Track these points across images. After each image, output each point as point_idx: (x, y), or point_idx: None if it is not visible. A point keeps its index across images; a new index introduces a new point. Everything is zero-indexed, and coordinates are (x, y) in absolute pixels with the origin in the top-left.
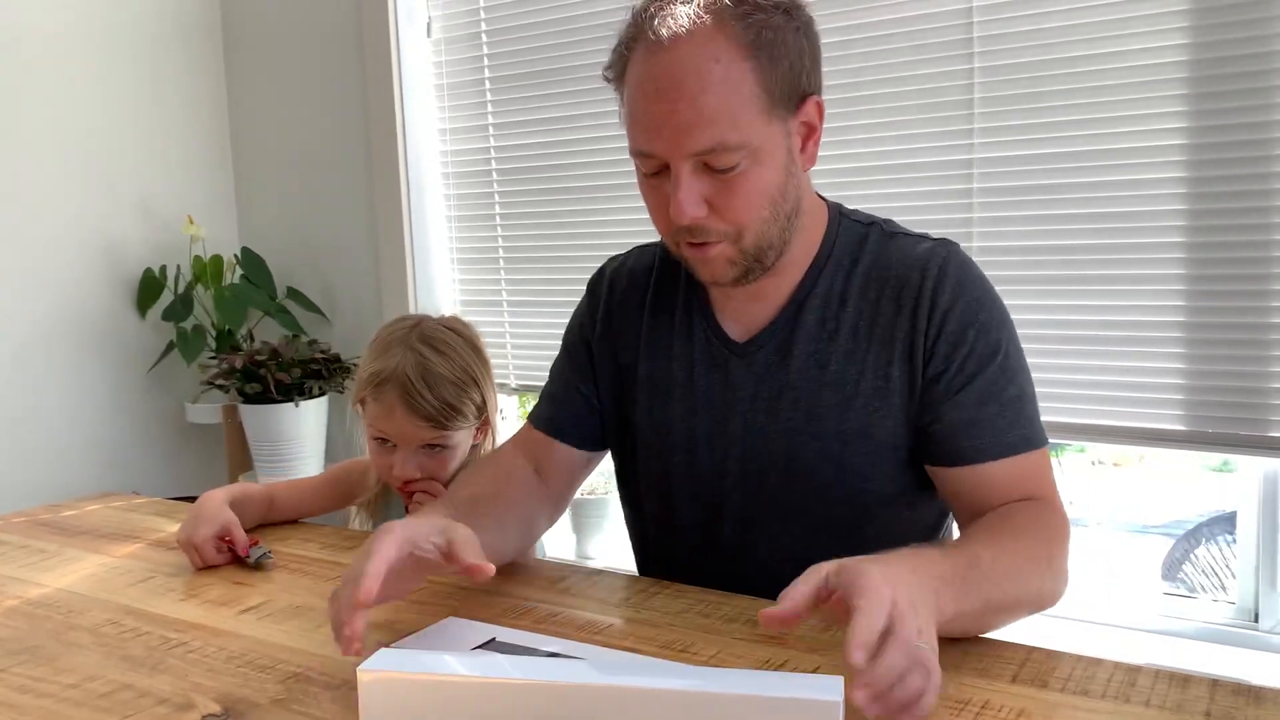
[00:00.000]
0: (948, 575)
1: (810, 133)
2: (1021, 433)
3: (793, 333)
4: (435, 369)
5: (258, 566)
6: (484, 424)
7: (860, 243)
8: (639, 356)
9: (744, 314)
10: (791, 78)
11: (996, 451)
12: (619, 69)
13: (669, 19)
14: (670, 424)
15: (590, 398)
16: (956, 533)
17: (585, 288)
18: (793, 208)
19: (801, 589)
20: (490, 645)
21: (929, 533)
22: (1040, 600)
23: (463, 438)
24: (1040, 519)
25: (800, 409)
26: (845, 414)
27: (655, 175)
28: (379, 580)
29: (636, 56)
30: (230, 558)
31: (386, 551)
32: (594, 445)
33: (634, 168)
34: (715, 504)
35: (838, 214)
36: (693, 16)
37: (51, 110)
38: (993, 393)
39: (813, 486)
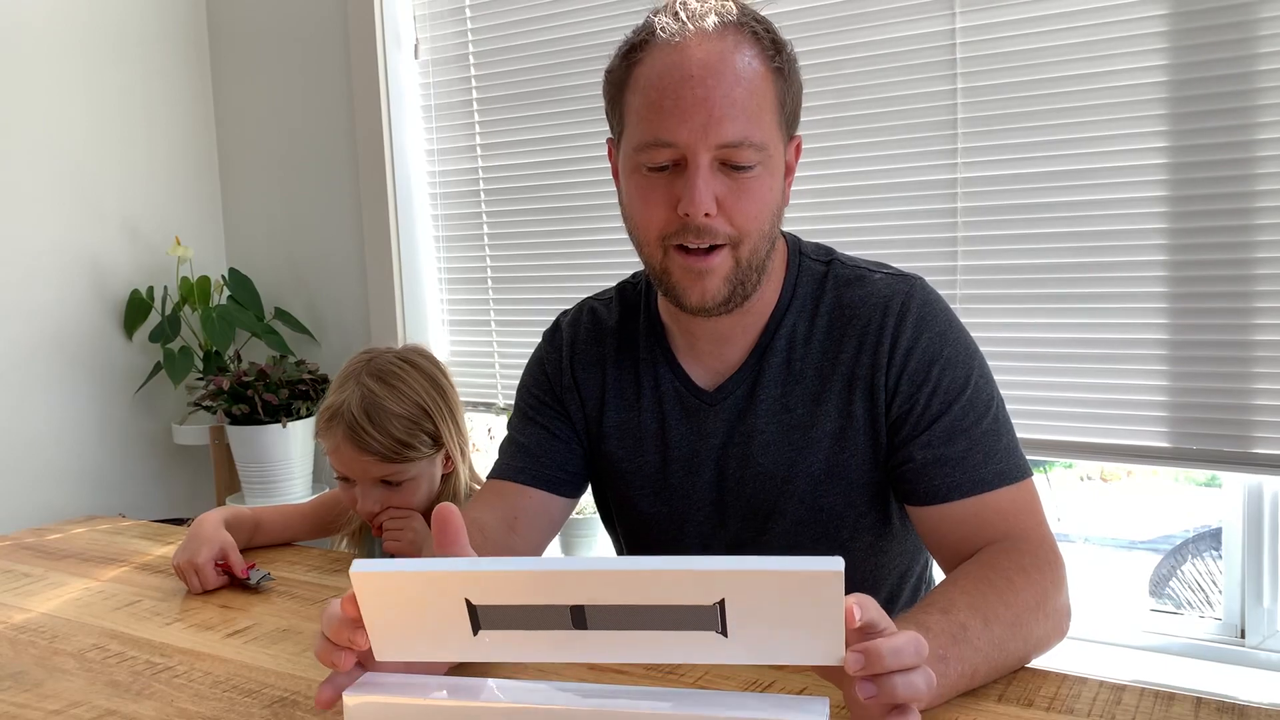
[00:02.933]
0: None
1: (788, 171)
2: (996, 468)
3: (759, 377)
4: (382, 404)
5: (258, 589)
6: (445, 456)
7: (821, 283)
8: (604, 409)
9: (711, 361)
10: (793, 105)
11: (969, 488)
12: (623, 70)
13: (697, 19)
14: (642, 474)
15: (571, 442)
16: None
17: (541, 340)
18: (777, 234)
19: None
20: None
21: (909, 559)
22: (1040, 647)
23: (421, 468)
24: (1024, 562)
25: (770, 454)
26: (814, 457)
27: (659, 171)
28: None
29: (657, 51)
30: (227, 580)
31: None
32: (574, 491)
33: (617, 174)
34: (694, 548)
35: (796, 251)
36: (719, 23)
37: (37, 132)
38: (962, 428)
39: (786, 528)
